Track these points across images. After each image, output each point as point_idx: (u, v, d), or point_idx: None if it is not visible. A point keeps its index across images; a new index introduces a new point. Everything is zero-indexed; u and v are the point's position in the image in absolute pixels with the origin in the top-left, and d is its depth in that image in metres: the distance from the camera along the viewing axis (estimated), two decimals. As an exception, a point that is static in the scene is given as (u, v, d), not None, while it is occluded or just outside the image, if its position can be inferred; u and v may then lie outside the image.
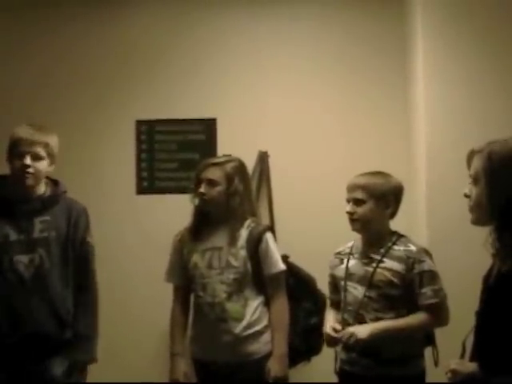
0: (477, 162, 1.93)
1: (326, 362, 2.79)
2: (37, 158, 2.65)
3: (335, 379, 2.76)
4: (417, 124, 3.49)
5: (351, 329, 2.54)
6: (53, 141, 2.73)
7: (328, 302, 2.88)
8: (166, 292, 3.04)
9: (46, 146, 2.68)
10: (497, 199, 1.87)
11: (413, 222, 3.18)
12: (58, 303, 2.68)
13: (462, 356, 1.99)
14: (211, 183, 2.86)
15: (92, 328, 2.78)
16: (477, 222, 1.95)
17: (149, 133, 3.99)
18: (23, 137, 2.64)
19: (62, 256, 2.71)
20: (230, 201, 2.86)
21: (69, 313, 2.71)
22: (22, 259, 2.64)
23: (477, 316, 1.97)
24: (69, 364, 2.70)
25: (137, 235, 3.91)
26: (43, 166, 2.68)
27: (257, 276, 2.85)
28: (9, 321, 2.62)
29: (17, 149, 2.64)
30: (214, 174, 2.87)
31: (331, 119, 3.88)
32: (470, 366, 1.89)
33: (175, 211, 3.56)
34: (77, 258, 2.76)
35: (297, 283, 3.07)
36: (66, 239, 2.73)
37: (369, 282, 2.59)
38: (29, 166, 2.63)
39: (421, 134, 3.37)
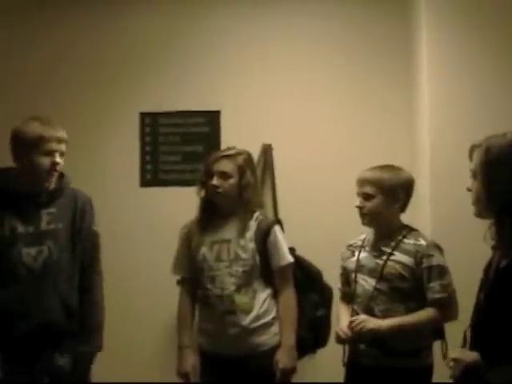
0: (475, 157, 1.97)
1: (331, 355, 2.80)
2: (62, 155, 2.67)
3: (341, 372, 2.77)
4: (421, 117, 3.49)
5: (362, 317, 2.56)
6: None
7: (339, 295, 2.89)
8: (171, 284, 3.05)
9: (66, 141, 2.69)
10: (494, 193, 1.90)
11: (417, 215, 3.17)
12: (66, 294, 2.68)
13: (464, 345, 2.02)
14: (224, 176, 2.86)
15: (99, 318, 2.79)
16: (478, 215, 1.99)
17: (153, 125, 3.99)
18: (52, 135, 2.62)
19: (69, 247, 2.71)
20: (242, 193, 2.87)
21: (76, 303, 2.71)
22: (30, 251, 2.63)
23: (476, 306, 1.99)
24: (76, 356, 2.70)
25: (141, 227, 3.91)
26: (63, 161, 2.69)
27: (265, 268, 2.86)
28: (18, 313, 2.61)
29: (45, 146, 2.60)
30: (226, 166, 2.87)
31: (335, 112, 3.87)
32: (472, 355, 1.92)
33: (179, 204, 3.57)
34: (83, 246, 2.75)
35: (304, 275, 3.06)
36: (73, 230, 2.73)
37: (379, 274, 2.60)
38: (58, 164, 2.64)
39: (425, 126, 3.38)
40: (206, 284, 2.84)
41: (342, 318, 2.75)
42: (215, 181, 2.85)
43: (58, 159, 2.63)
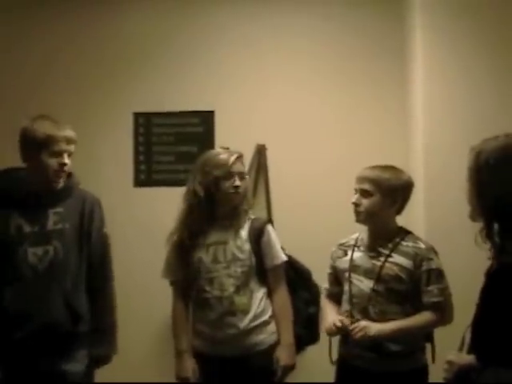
0: (468, 160, 1.97)
1: (326, 355, 2.80)
2: (70, 155, 2.66)
3: (332, 371, 2.77)
4: (415, 119, 3.50)
5: (363, 323, 2.55)
6: None
7: (325, 293, 2.89)
8: (165, 284, 3.04)
9: (75, 142, 2.69)
10: (483, 197, 1.91)
11: (411, 218, 3.17)
12: (71, 295, 2.66)
13: (461, 348, 2.02)
14: (242, 176, 2.87)
15: (113, 319, 2.80)
16: (471, 217, 1.98)
17: (146, 125, 3.99)
18: (62, 135, 2.61)
19: (76, 248, 2.70)
20: (246, 193, 2.92)
21: (83, 305, 2.70)
22: (36, 251, 2.62)
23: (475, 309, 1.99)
24: (92, 359, 2.72)
25: (134, 228, 3.91)
26: (70, 162, 2.69)
27: (259, 267, 2.86)
28: (22, 313, 2.60)
29: (54, 147, 2.60)
30: (242, 167, 2.90)
31: (329, 113, 3.88)
32: (467, 358, 1.93)
33: (173, 204, 3.56)
34: (93, 249, 2.75)
35: (295, 274, 3.10)
36: (81, 231, 2.71)
37: (377, 275, 2.59)
38: (66, 165, 2.64)
39: (419, 128, 3.38)
40: (204, 286, 2.82)
41: (329, 314, 2.74)
42: (238, 181, 2.84)
43: (66, 160, 2.63)
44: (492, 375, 1.83)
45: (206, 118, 3.95)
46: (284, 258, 2.93)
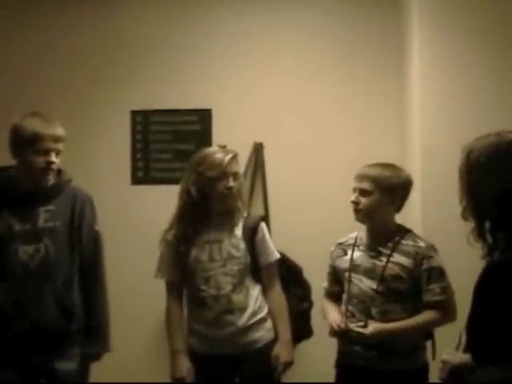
0: (460, 159, 1.96)
1: (322, 355, 2.80)
2: (58, 153, 2.65)
3: (331, 372, 2.77)
4: (412, 117, 3.49)
5: (370, 327, 2.54)
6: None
7: (324, 292, 2.88)
8: (160, 284, 3.03)
9: (64, 140, 2.67)
10: (474, 196, 1.90)
11: (408, 217, 3.17)
12: (63, 293, 2.66)
13: (458, 347, 2.01)
14: (236, 176, 2.86)
15: (105, 317, 2.78)
16: (462, 216, 1.97)
17: (144, 123, 3.99)
18: (49, 133, 2.59)
19: (67, 245, 2.69)
20: (240, 192, 2.91)
21: (75, 303, 2.69)
22: (27, 249, 2.61)
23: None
24: (84, 357, 2.70)
25: (132, 225, 3.91)
26: (59, 160, 2.67)
27: (253, 265, 2.86)
28: (14, 311, 2.60)
29: (41, 145, 2.58)
30: (237, 167, 2.88)
31: (326, 111, 3.89)
32: (460, 357, 1.92)
33: (170, 202, 3.56)
34: (84, 246, 2.73)
35: (287, 271, 3.14)
36: (72, 228, 2.70)
37: (380, 276, 2.58)
38: (53, 163, 2.62)
39: (416, 127, 3.37)
40: (200, 285, 2.81)
41: (330, 312, 2.73)
42: (231, 182, 2.82)
43: (53, 158, 2.61)
44: (483, 374, 1.83)
45: (204, 116, 3.95)
46: (278, 255, 2.94)
